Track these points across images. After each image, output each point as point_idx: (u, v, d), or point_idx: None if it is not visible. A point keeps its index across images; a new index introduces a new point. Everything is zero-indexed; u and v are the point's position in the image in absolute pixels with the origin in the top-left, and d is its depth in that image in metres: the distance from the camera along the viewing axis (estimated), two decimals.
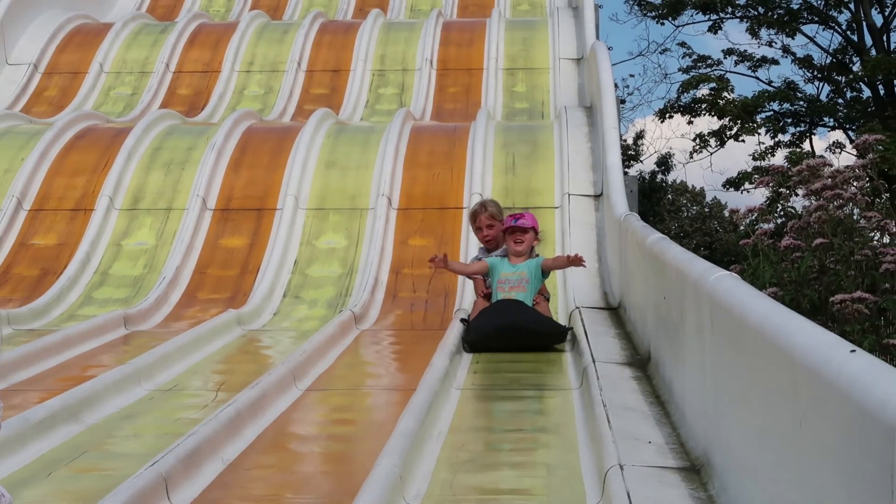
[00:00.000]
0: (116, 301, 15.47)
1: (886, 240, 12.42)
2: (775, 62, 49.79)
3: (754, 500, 5.54)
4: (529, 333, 12.68)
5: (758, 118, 47.86)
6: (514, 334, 12.52)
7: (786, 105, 48.12)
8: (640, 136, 53.21)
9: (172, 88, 23.92)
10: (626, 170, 18.65)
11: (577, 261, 13.16)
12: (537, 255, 13.70)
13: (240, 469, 8.02)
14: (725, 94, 48.51)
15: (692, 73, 49.52)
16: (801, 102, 48.21)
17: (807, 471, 4.35)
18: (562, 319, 14.55)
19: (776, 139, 47.27)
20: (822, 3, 48.77)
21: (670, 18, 50.25)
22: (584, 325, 12.86)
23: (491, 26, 25.83)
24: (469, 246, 16.83)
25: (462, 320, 13.26)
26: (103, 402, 9.69)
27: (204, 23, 26.78)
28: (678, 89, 49.75)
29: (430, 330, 13.86)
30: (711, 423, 7.17)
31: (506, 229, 13.51)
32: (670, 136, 77.93)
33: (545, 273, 13.65)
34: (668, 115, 49.94)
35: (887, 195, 13.31)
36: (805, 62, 49.51)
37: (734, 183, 45.78)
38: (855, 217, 13.08)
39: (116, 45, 25.25)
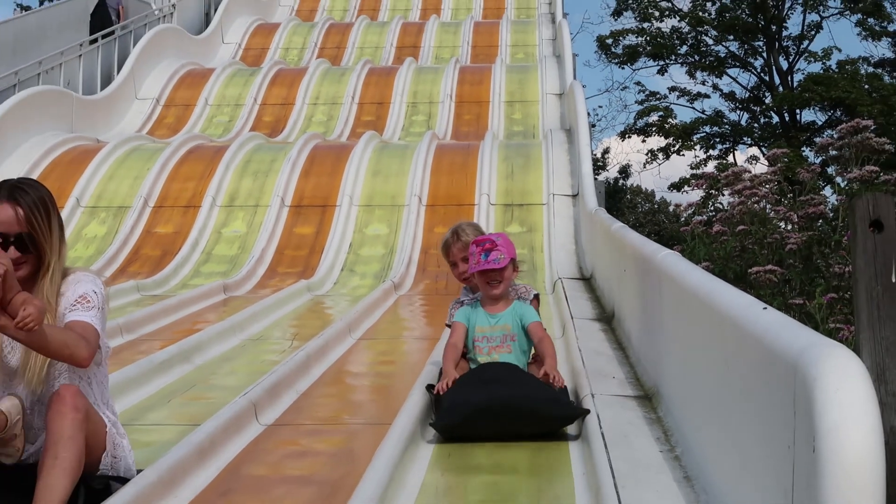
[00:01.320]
0: (217, 274, 15.53)
1: (790, 227, 12.38)
2: (707, 96, 49.76)
3: (691, 420, 5.54)
4: (530, 416, 6.66)
5: (694, 138, 47.82)
6: (507, 417, 6.61)
7: (715, 128, 48.12)
8: (606, 151, 53.00)
9: (259, 117, 23.93)
10: (596, 176, 18.55)
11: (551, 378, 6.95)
12: (521, 296, 7.73)
13: (309, 397, 8.11)
14: (670, 119, 48.52)
15: (645, 105, 49.45)
16: (727, 126, 48.20)
17: (731, 398, 4.34)
18: (547, 289, 14.51)
19: (708, 153, 47.14)
20: (743, 52, 48.71)
21: (629, 64, 50.14)
22: (564, 292, 12.87)
23: (495, 70, 25.82)
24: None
25: (429, 388, 7.21)
26: (208, 349, 9.77)
27: (282, 68, 26.77)
28: (635, 116, 49.77)
29: (451, 295, 13.82)
30: (660, 363, 7.18)
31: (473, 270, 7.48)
32: (629, 152, 77.40)
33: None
34: (627, 136, 49.81)
35: (790, 195, 13.25)
36: (729, 96, 49.43)
37: (677, 186, 45.72)
38: (767, 210, 13.04)
39: (217, 85, 25.27)
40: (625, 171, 51.77)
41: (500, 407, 6.41)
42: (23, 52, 23.32)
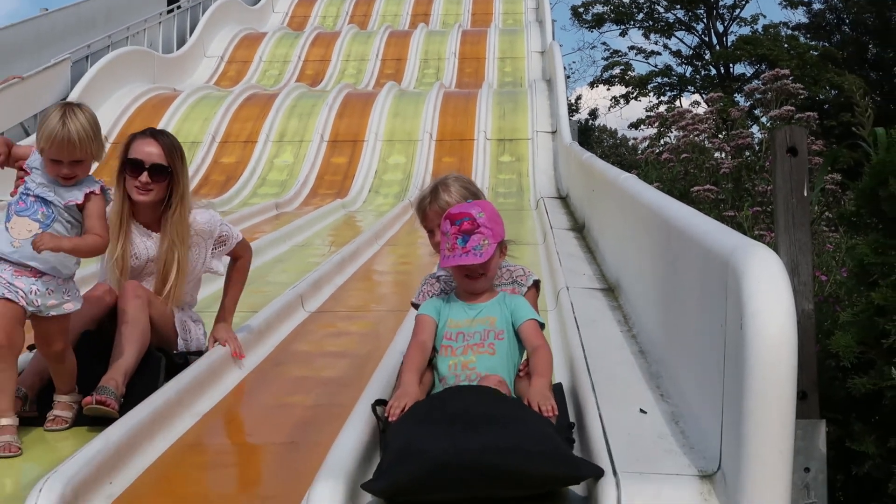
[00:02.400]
0: (270, 195, 15.52)
1: (723, 155, 12.36)
2: (658, 54, 49.28)
3: (644, 307, 5.55)
4: (514, 478, 3.40)
5: (648, 87, 47.61)
6: (481, 479, 3.39)
7: (665, 79, 47.84)
8: (578, 98, 52.40)
9: (302, 71, 23.80)
10: (570, 117, 18.54)
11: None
12: (517, 280, 4.60)
13: (344, 290, 8.15)
14: (629, 73, 48.32)
15: (609, 61, 49.19)
16: (675, 78, 47.92)
17: (676, 289, 4.35)
18: (531, 205, 14.49)
19: (659, 100, 46.85)
20: (688, 18, 48.37)
21: (597, 28, 49.85)
22: (545, 207, 12.87)
23: (490, 33, 25.68)
24: (484, 166, 16.75)
25: (377, 405, 4.07)
26: (264, 253, 9.76)
27: (320, 32, 26.59)
28: (601, 70, 49.64)
29: None
30: (620, 262, 7.18)
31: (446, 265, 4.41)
32: (597, 98, 76.92)
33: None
34: (595, 85, 49.67)
35: (724, 131, 13.21)
36: (676, 54, 49.11)
37: (634, 125, 45.46)
38: (705, 143, 13.02)
39: (269, 46, 25.11)
40: (593, 114, 51.43)
41: (471, 464, 3.35)
42: (115, 20, 23.24)
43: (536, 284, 4.49)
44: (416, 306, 4.43)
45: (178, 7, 25.99)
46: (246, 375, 5.30)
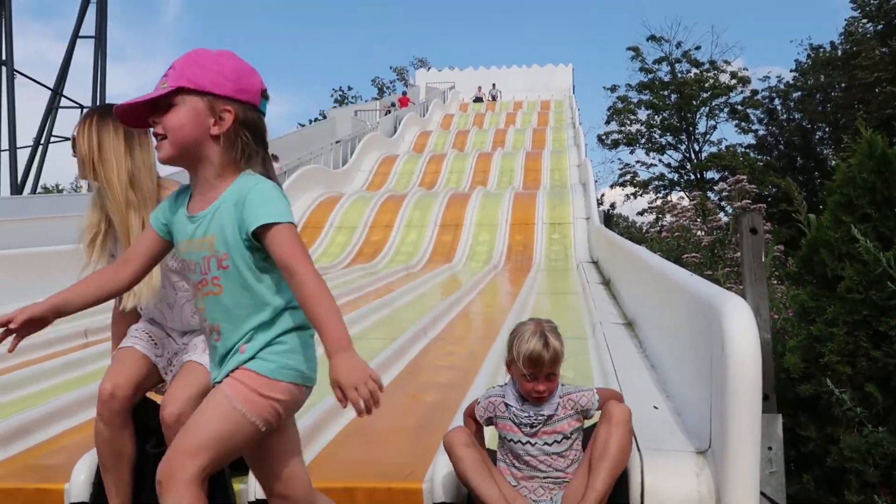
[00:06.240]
0: (402, 261, 15.56)
1: (702, 233, 12.19)
2: (655, 165, 48.79)
3: (653, 336, 5.46)
4: None
5: (649, 188, 47.23)
6: None
7: (660, 182, 47.47)
8: (602, 195, 51.91)
9: (422, 179, 23.90)
10: (598, 208, 18.44)
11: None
12: (583, 406, 2.83)
13: (452, 324, 7.99)
14: (636, 178, 47.98)
15: (623, 170, 48.96)
16: (667, 181, 47.54)
17: (674, 323, 4.28)
18: (573, 267, 14.41)
19: (657, 196, 46.33)
20: (675, 141, 48.01)
21: (614, 149, 49.70)
22: (583, 269, 12.76)
23: (545, 153, 25.70)
24: (542, 241, 16.67)
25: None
26: (399, 299, 9.76)
27: (434, 154, 26.74)
28: (618, 176, 49.31)
29: (523, 271, 13.76)
30: (635, 305, 7.08)
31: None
32: (615, 195, 76.66)
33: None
34: (613, 187, 49.62)
35: (701, 217, 13.06)
36: (667, 165, 48.60)
37: (641, 213, 45.27)
38: (689, 225, 12.86)
39: (401, 163, 25.33)
40: (613, 206, 50.87)
41: None
42: (303, 146, 23.75)
43: (597, 395, 2.91)
44: (477, 421, 2.96)
45: (339, 141, 26.56)
46: (391, 380, 5.31)
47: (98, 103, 24.78)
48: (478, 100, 40.91)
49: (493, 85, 42.89)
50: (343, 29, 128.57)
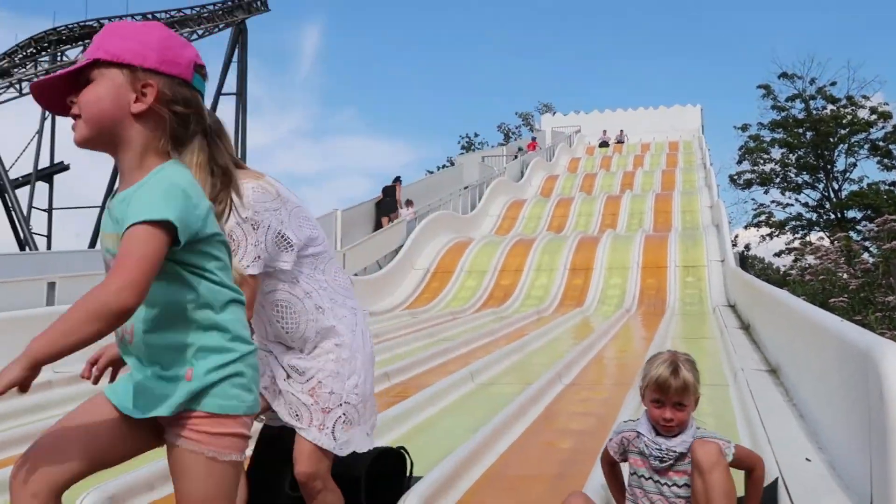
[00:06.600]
0: (533, 305, 15.52)
1: (846, 276, 11.68)
2: (791, 204, 47.10)
3: (800, 383, 5.23)
4: None
5: (786, 228, 45.59)
6: None
7: (797, 223, 45.81)
8: (736, 236, 50.35)
9: (550, 223, 23.82)
10: (733, 249, 17.92)
11: None
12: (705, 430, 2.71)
13: (586, 369, 7.90)
14: (772, 219, 46.41)
15: (757, 210, 47.50)
16: (804, 221, 45.81)
17: (822, 371, 4.09)
18: (710, 311, 13.97)
19: (794, 237, 44.62)
20: (812, 180, 46.28)
21: (748, 189, 48.28)
22: (720, 314, 12.38)
23: (675, 195, 25.20)
24: (675, 285, 16.29)
25: None
26: (531, 343, 9.71)
27: (561, 198, 26.63)
28: (752, 217, 47.81)
29: (656, 315, 13.46)
30: (779, 351, 6.82)
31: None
32: (749, 236, 74.30)
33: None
34: (748, 227, 47.97)
35: (844, 258, 12.51)
36: (805, 205, 46.85)
37: (778, 254, 43.67)
38: (832, 267, 12.32)
39: (529, 207, 25.29)
40: (747, 247, 49.38)
41: None
42: (432, 193, 24.17)
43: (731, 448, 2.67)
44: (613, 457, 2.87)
45: (467, 187, 26.86)
46: (527, 427, 5.27)
47: (239, 155, 26.12)
48: (603, 144, 40.57)
49: (621, 131, 42.46)
50: (469, 77, 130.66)
